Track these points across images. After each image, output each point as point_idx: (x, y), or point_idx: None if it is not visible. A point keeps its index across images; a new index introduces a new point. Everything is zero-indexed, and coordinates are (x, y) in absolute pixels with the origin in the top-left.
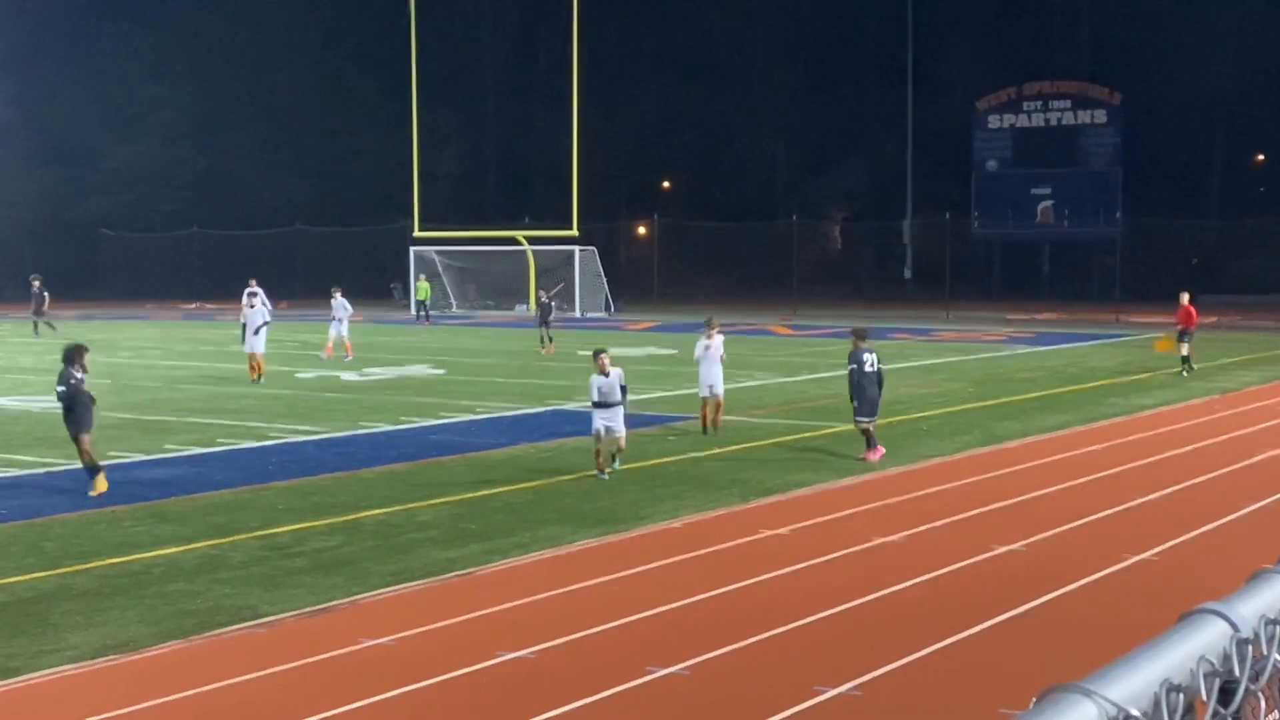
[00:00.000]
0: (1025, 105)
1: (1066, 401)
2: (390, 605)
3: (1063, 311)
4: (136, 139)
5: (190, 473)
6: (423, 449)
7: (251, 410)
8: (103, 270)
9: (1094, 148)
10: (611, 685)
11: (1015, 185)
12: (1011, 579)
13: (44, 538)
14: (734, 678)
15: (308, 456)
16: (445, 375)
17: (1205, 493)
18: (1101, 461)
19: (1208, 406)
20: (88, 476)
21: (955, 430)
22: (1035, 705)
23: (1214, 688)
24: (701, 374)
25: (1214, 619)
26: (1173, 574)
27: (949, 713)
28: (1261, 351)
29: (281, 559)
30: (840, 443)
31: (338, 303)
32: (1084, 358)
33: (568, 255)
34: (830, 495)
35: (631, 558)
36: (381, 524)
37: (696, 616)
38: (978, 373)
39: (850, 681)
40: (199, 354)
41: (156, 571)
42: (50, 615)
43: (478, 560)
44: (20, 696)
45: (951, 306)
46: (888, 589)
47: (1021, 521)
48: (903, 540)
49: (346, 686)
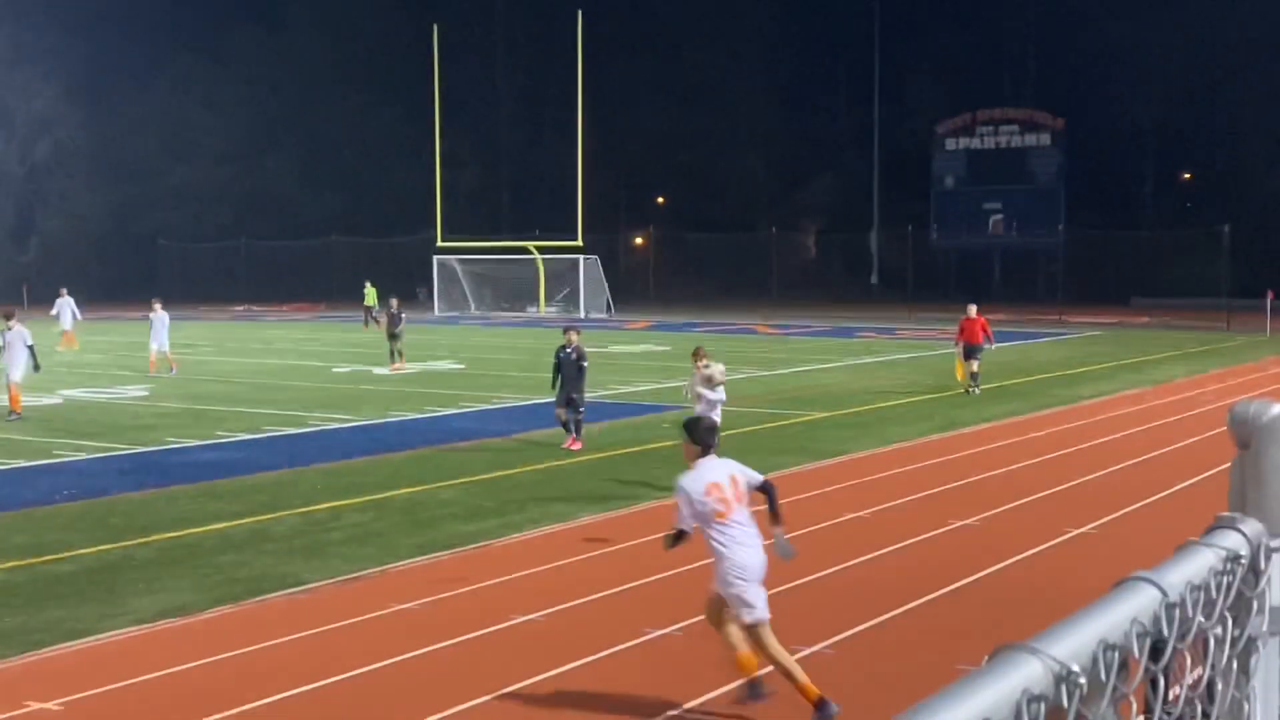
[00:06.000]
0: (979, 129)
1: (1015, 392)
2: (416, 574)
3: (1011, 312)
4: (191, 160)
5: (239, 456)
6: (445, 435)
7: (294, 401)
8: (160, 276)
9: (1040, 167)
10: (612, 645)
11: (970, 200)
12: (967, 550)
13: (109, 514)
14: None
15: (343, 442)
16: (465, 370)
17: (1138, 473)
18: (1046, 445)
19: (1140, 396)
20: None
21: (917, 418)
22: (988, 662)
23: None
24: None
25: (1146, 586)
26: (1109, 545)
27: (911, 669)
28: (1188, 348)
29: (320, 532)
30: (815, 429)
31: (157, 316)
32: (1030, 353)
33: (573, 263)
34: (806, 476)
35: (629, 531)
36: (408, 501)
37: (687, 584)
38: (937, 367)
39: (823, 641)
40: (247, 351)
41: (209, 544)
42: (114, 583)
43: (494, 534)
44: (87, 655)
45: (913, 308)
46: (857, 559)
47: (976, 499)
48: (870, 515)
49: (378, 646)
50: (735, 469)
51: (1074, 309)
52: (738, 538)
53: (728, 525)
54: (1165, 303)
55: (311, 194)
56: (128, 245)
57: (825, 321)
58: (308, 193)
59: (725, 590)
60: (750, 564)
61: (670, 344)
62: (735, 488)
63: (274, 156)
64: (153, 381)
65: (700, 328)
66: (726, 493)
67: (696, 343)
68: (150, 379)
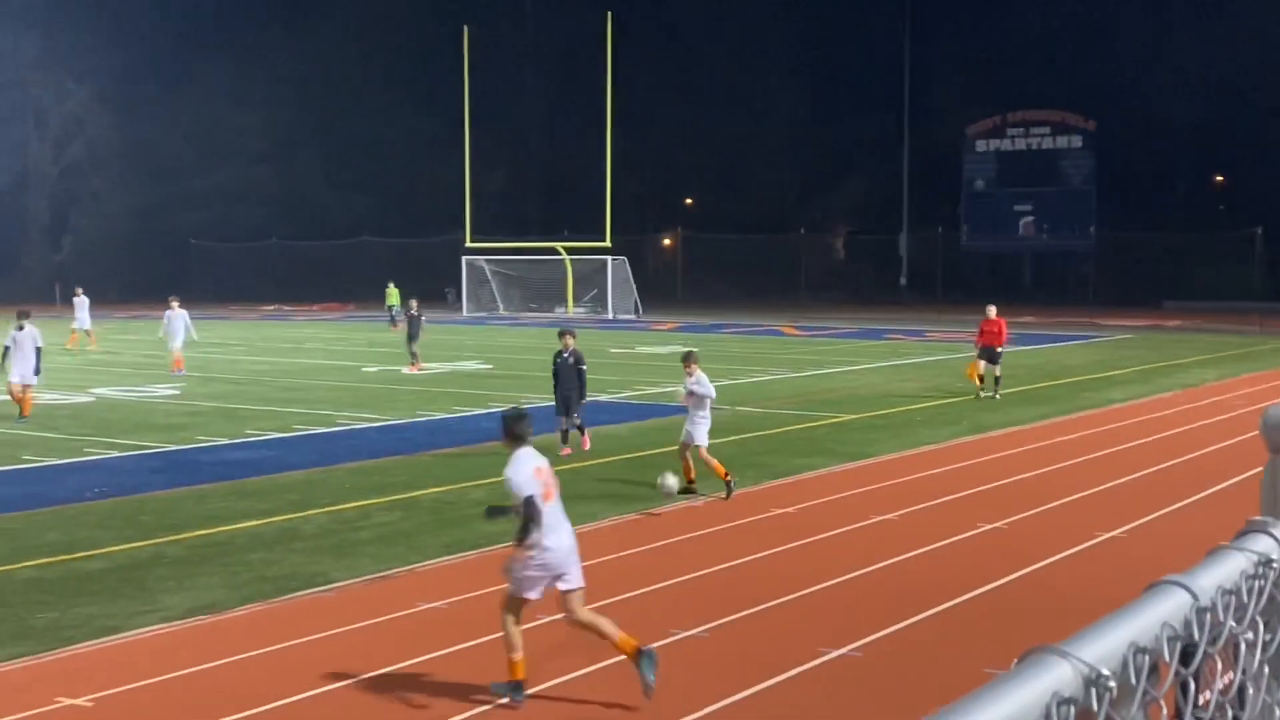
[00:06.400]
0: (1009, 131)
1: (1046, 395)
2: (444, 573)
3: (1042, 315)
4: (222, 160)
5: (269, 455)
6: (473, 435)
7: (323, 400)
8: (191, 276)
9: (1071, 169)
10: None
11: (1000, 202)
12: (996, 553)
13: (140, 511)
14: (746, 640)
15: (372, 441)
16: (492, 370)
17: (1169, 477)
18: (1076, 449)
19: (1171, 400)
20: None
21: (946, 420)
22: (1017, 665)
23: (1176, 651)
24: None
25: (1176, 589)
26: (1140, 549)
27: (939, 672)
28: (1219, 352)
29: (348, 531)
30: (843, 431)
31: (175, 314)
32: (1061, 357)
33: (601, 264)
34: (834, 478)
35: (655, 533)
36: (436, 501)
37: (713, 585)
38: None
39: (851, 644)
40: (276, 350)
41: (239, 542)
42: (146, 580)
43: None
44: (119, 652)
45: (943, 311)
46: (884, 562)
47: (1004, 502)
48: (898, 518)
49: (405, 644)
50: (546, 463)
51: (1105, 312)
52: (554, 521)
53: (549, 508)
54: (1197, 306)
55: (341, 194)
56: (159, 244)
57: (853, 324)
58: (337, 193)
59: (525, 568)
60: (563, 544)
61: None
62: (551, 476)
63: (304, 157)
64: (184, 380)
65: (727, 329)
66: (547, 477)
67: (722, 344)
68: (180, 378)
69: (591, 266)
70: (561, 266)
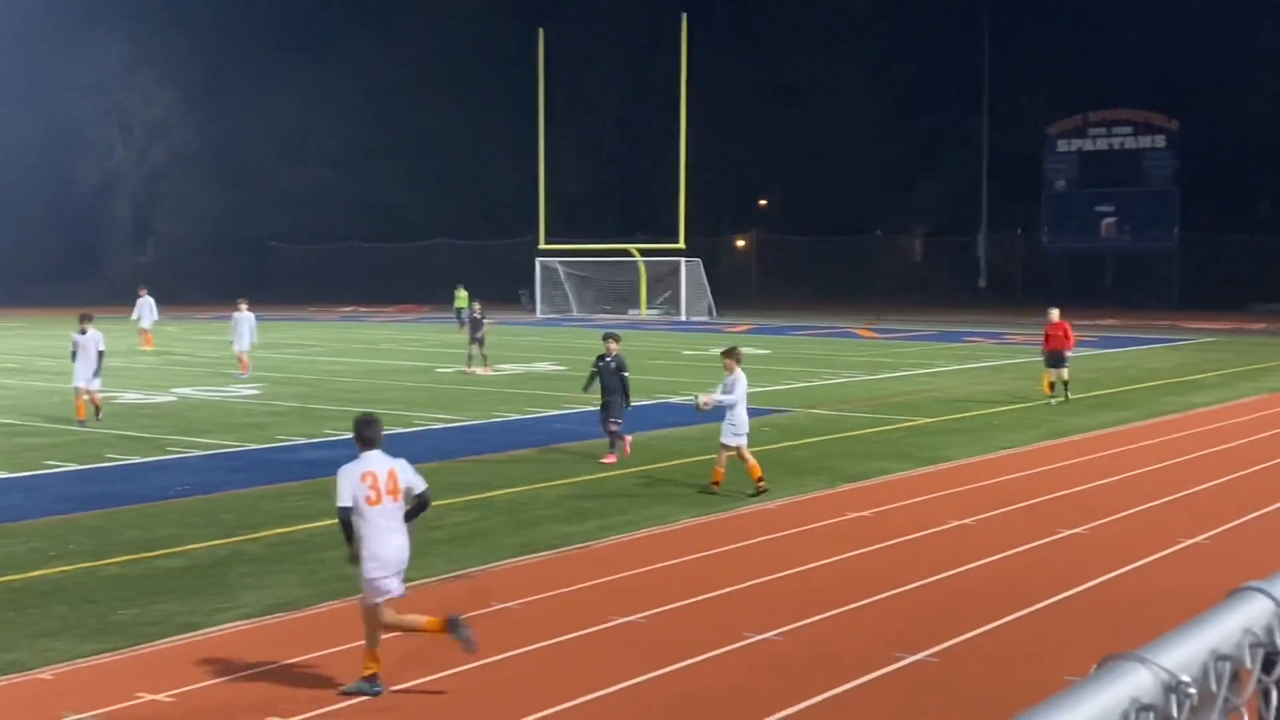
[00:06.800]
0: (1091, 131)
1: (1127, 399)
2: (517, 574)
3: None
4: (303, 164)
5: (346, 454)
6: (547, 436)
7: (399, 401)
8: (272, 278)
9: (1154, 169)
10: (712, 648)
11: (1081, 203)
12: (1075, 559)
13: (221, 510)
14: (822, 643)
15: (447, 442)
16: (566, 371)
17: (1253, 483)
18: (1158, 454)
19: (1255, 405)
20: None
21: (1024, 425)
22: (1095, 671)
23: (1258, 658)
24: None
25: (1258, 596)
26: (1222, 555)
27: (1016, 679)
28: None
29: (424, 531)
30: (919, 435)
31: (242, 316)
32: (1143, 360)
33: (675, 265)
34: (910, 482)
35: (730, 536)
36: (510, 502)
37: (788, 589)
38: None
39: (927, 650)
40: (354, 351)
41: (317, 540)
42: (226, 578)
43: (594, 535)
44: (199, 648)
45: (1022, 313)
46: (961, 567)
47: (1084, 507)
48: (975, 523)
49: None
50: (399, 468)
51: (1189, 314)
52: (382, 526)
53: (374, 513)
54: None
55: (418, 197)
56: (240, 247)
57: (930, 326)
58: (414, 196)
59: (364, 573)
60: (386, 553)
61: (771, 348)
62: (392, 481)
63: (382, 160)
64: (263, 381)
65: (802, 331)
66: (381, 484)
67: (796, 346)
68: (259, 378)
69: (665, 268)
70: (635, 268)
